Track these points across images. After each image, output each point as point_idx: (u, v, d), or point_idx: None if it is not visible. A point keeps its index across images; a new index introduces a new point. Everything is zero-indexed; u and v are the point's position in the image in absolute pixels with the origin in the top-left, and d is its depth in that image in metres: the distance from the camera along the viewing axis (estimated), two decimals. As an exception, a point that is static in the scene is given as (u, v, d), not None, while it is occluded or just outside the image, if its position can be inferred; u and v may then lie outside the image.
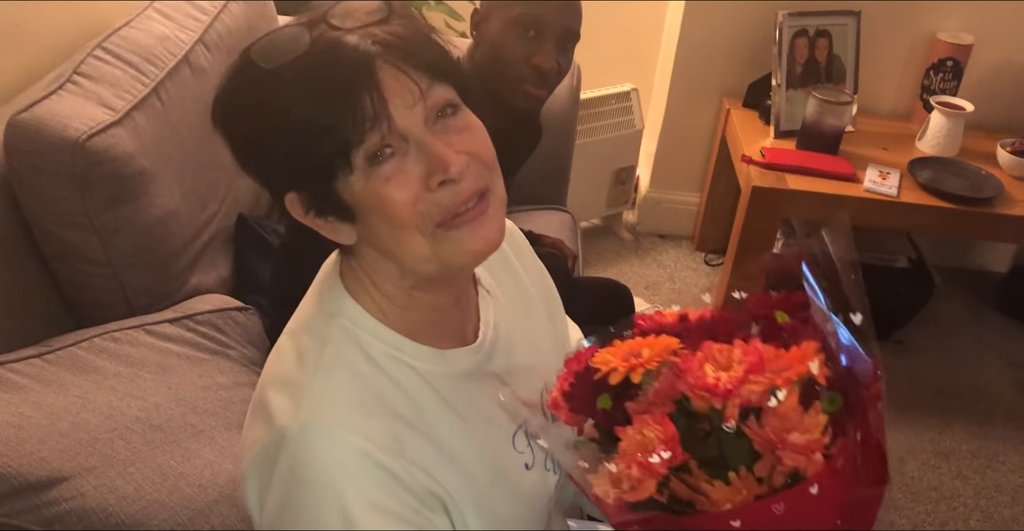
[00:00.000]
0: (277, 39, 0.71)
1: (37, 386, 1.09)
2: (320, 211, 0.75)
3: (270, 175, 0.76)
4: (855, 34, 2.45)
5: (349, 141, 0.69)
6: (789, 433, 0.67)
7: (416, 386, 0.79)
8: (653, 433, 0.70)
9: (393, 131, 0.70)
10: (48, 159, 1.28)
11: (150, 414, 1.11)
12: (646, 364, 0.73)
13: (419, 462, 0.76)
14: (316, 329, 0.79)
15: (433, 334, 0.82)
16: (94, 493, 0.98)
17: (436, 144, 0.72)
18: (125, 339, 1.26)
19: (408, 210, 0.72)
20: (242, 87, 0.73)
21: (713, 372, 0.70)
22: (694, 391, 0.70)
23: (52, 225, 1.32)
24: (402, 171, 0.71)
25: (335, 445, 0.72)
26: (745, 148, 2.35)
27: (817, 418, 0.68)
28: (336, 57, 0.69)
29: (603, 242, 2.85)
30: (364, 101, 0.68)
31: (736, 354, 0.71)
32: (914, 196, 2.19)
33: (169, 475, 1.04)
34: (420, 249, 0.74)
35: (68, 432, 1.01)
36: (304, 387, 0.75)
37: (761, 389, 0.68)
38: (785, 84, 2.41)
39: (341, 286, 0.81)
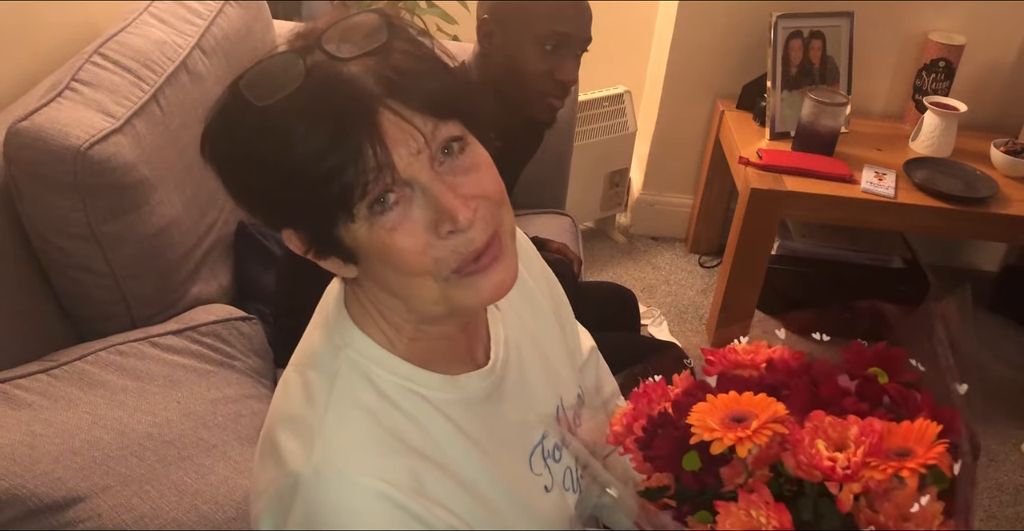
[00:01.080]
0: (269, 70, 0.66)
1: (46, 402, 1.06)
2: (320, 252, 0.71)
3: (264, 213, 0.72)
4: (848, 35, 2.46)
5: (350, 191, 0.65)
6: (907, 521, 0.64)
7: (429, 418, 0.76)
8: (767, 520, 0.65)
9: (397, 180, 0.66)
10: (49, 168, 1.25)
11: (162, 430, 1.09)
12: (755, 438, 0.68)
13: (439, 498, 0.73)
14: (324, 363, 0.76)
15: (444, 361, 0.79)
16: (111, 513, 0.95)
17: (444, 193, 0.67)
18: (131, 352, 1.23)
19: (418, 258, 0.68)
20: (232, 123, 0.68)
21: (826, 450, 0.66)
22: (808, 472, 0.66)
23: (53, 235, 1.29)
24: (408, 219, 0.67)
25: (352, 490, 0.69)
26: (741, 150, 2.34)
27: (933, 507, 0.65)
28: (334, 96, 0.64)
29: (597, 245, 2.84)
30: (367, 151, 0.64)
31: (852, 432, 0.67)
32: (911, 197, 2.20)
33: (185, 493, 1.02)
34: (429, 294, 0.71)
35: (81, 450, 0.99)
36: (315, 428, 0.71)
37: (883, 477, 0.64)
38: (780, 86, 2.40)
39: (347, 316, 0.77)
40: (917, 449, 0.66)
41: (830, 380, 0.74)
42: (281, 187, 0.66)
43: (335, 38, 0.67)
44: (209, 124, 0.69)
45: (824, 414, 0.69)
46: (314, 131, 0.64)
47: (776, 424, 0.68)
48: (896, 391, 0.73)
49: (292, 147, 0.64)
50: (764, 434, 0.67)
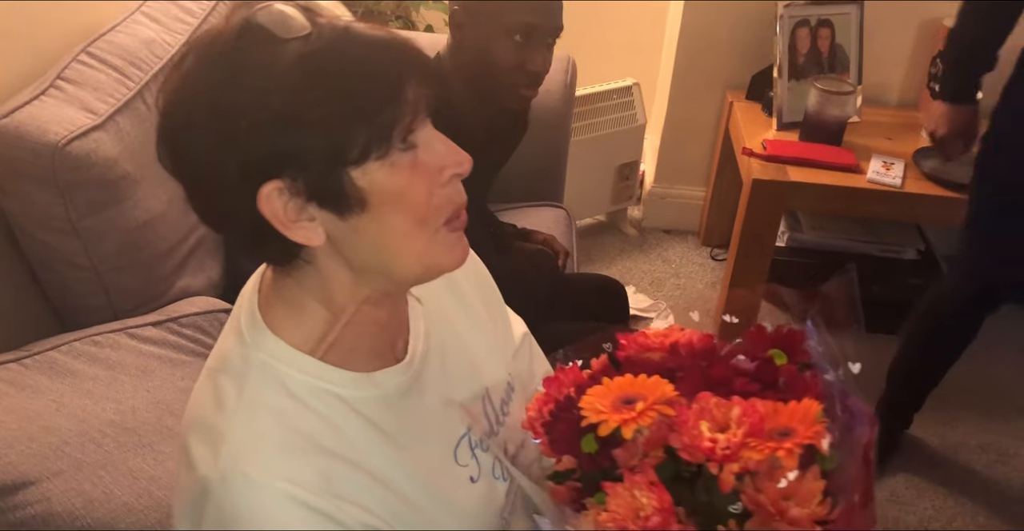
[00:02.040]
0: (283, 10, 0.67)
1: (12, 390, 1.09)
2: (319, 201, 0.68)
3: (259, 162, 0.66)
4: (858, 23, 2.42)
5: (391, 125, 0.68)
6: (787, 500, 0.64)
7: (343, 417, 0.76)
8: (647, 500, 0.67)
9: (419, 121, 0.70)
10: (29, 164, 1.28)
11: (125, 417, 1.12)
12: (639, 419, 0.69)
13: (352, 497, 0.73)
14: (233, 367, 0.75)
15: (367, 352, 0.79)
16: (61, 497, 0.98)
17: (447, 141, 0.73)
18: (106, 343, 1.27)
19: (426, 201, 0.71)
20: (249, 58, 0.66)
21: (709, 432, 0.67)
22: (691, 452, 0.67)
23: (35, 230, 1.33)
24: (419, 162, 0.71)
25: (259, 493, 0.69)
26: (747, 140, 2.32)
27: (815, 485, 0.65)
28: (366, 42, 0.68)
29: (607, 238, 2.83)
30: (413, 85, 0.69)
31: (735, 413, 0.68)
32: (918, 186, 2.16)
33: (140, 478, 1.04)
34: (418, 249, 0.72)
35: (37, 436, 1.02)
36: (222, 433, 0.71)
37: (761, 457, 0.66)
38: (787, 75, 2.37)
39: (259, 319, 0.76)
40: (798, 429, 0.66)
41: (723, 362, 0.74)
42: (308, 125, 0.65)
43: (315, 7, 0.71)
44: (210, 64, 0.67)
45: (711, 396, 0.69)
46: (361, 67, 0.67)
47: (663, 406, 0.69)
48: (788, 373, 0.73)
49: (336, 81, 0.65)
50: (649, 416, 0.68)
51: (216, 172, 0.68)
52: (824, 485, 0.65)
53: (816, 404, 0.68)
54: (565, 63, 2.03)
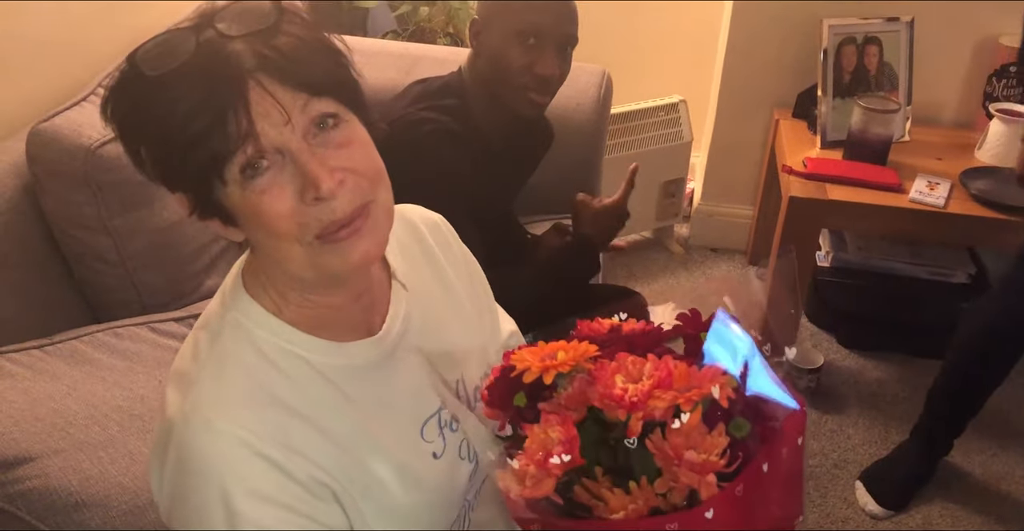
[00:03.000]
0: (164, 43, 0.72)
1: (30, 374, 1.16)
2: (202, 214, 0.76)
3: (155, 175, 0.76)
4: (908, 41, 2.37)
5: (218, 156, 0.70)
6: (688, 450, 0.67)
7: (308, 378, 0.81)
8: (555, 434, 0.71)
9: (265, 147, 0.71)
10: (64, 165, 1.37)
11: (133, 404, 1.18)
12: (559, 367, 0.74)
13: (306, 452, 0.77)
14: (212, 324, 0.82)
15: (334, 328, 0.84)
16: (58, 473, 1.04)
17: (310, 161, 0.72)
18: (127, 335, 1.34)
19: (285, 222, 0.73)
20: (125, 90, 0.73)
21: (622, 383, 0.71)
22: (602, 400, 0.71)
23: (69, 227, 1.42)
24: (277, 184, 0.72)
25: (214, 436, 0.74)
26: (788, 158, 2.30)
27: (718, 440, 0.68)
28: (212, 68, 0.70)
29: (652, 255, 2.83)
30: (230, 119, 0.69)
31: (647, 368, 0.72)
32: (963, 207, 2.10)
33: (137, 459, 1.10)
34: (298, 257, 0.76)
35: (44, 416, 1.08)
36: (192, 380, 0.78)
37: (664, 405, 0.69)
38: (831, 93, 2.35)
39: (240, 282, 0.83)
40: (704, 386, 0.69)
41: (647, 335, 0.77)
42: (163, 151, 0.72)
43: (227, 18, 0.73)
44: (107, 92, 0.75)
45: (628, 354, 0.73)
46: (188, 98, 0.70)
47: (583, 360, 0.73)
48: None
49: (170, 113, 0.70)
50: (568, 365, 0.73)
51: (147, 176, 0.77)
52: (727, 442, 0.67)
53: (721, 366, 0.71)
54: (599, 77, 2.05)
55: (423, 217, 1.01)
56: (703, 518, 0.66)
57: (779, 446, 0.70)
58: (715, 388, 0.68)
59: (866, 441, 2.14)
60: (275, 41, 0.72)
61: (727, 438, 0.68)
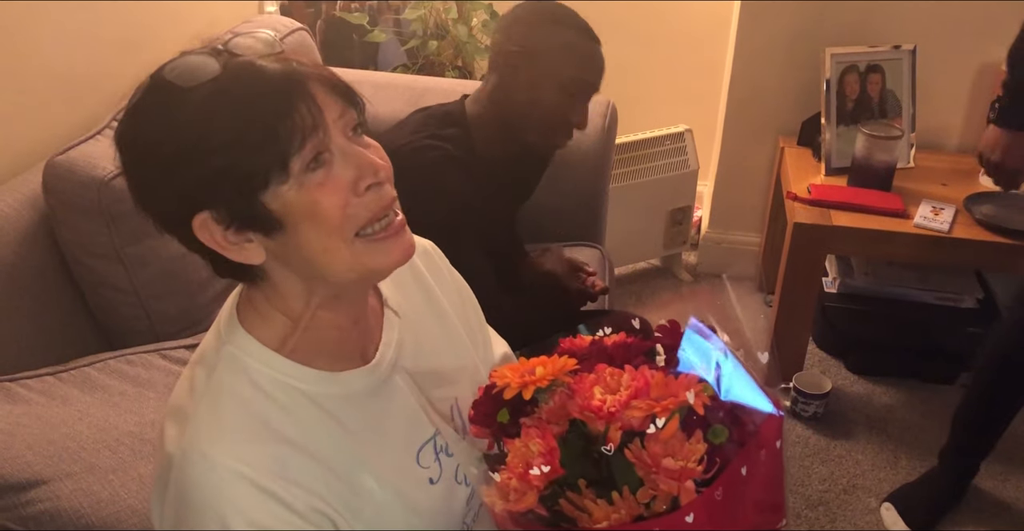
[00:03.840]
0: (188, 61, 0.74)
1: (43, 400, 1.19)
2: (241, 226, 0.75)
3: (184, 197, 0.75)
4: (910, 68, 2.40)
5: (288, 150, 0.72)
6: (665, 458, 0.69)
7: (303, 408, 0.82)
8: (536, 446, 0.73)
9: (326, 139, 0.74)
10: (78, 196, 1.42)
11: (144, 429, 1.20)
12: (537, 382, 0.76)
13: (304, 483, 0.78)
14: (207, 358, 0.83)
15: (331, 356, 0.85)
16: (70, 496, 1.07)
17: (362, 152, 0.77)
18: (139, 362, 1.37)
19: (339, 213, 0.75)
20: (155, 108, 0.74)
21: (600, 395, 0.73)
22: (581, 412, 0.73)
23: (84, 256, 1.46)
24: (332, 176, 0.75)
25: (213, 470, 0.76)
26: (793, 185, 2.32)
27: (696, 447, 0.70)
28: (261, 76, 0.73)
29: (661, 283, 2.84)
30: (302, 110, 0.72)
31: (624, 379, 0.74)
32: (968, 232, 2.11)
33: (148, 484, 1.12)
34: (343, 256, 0.77)
35: (57, 441, 1.11)
36: (189, 415, 0.79)
37: (642, 414, 0.71)
38: (835, 120, 2.37)
39: (235, 317, 0.84)
40: (680, 395, 0.71)
41: (626, 348, 0.79)
42: (211, 160, 0.72)
43: (240, 47, 0.77)
44: (130, 112, 0.76)
45: (606, 367, 0.75)
46: (246, 101, 0.73)
47: (562, 374, 0.75)
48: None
49: (222, 117, 0.72)
50: (546, 379, 0.75)
51: (157, 208, 0.78)
52: (704, 448, 0.69)
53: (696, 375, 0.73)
54: (604, 107, 2.09)
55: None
56: (683, 522, 0.68)
57: (756, 449, 0.72)
58: (690, 394, 0.70)
59: (875, 466, 2.14)
60: (297, 59, 0.77)
61: (705, 445, 0.69)
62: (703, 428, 0.71)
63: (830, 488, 2.07)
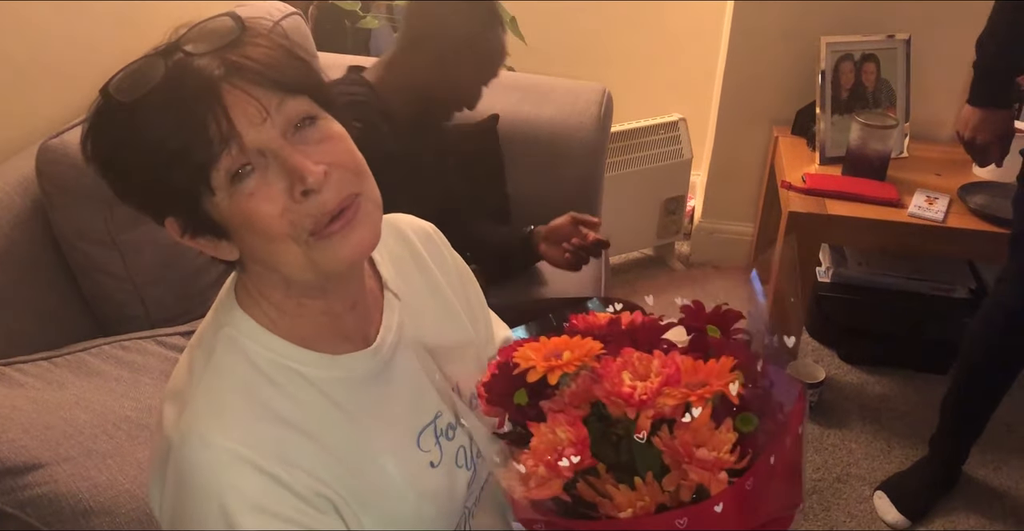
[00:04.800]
0: (134, 72, 0.73)
1: (39, 384, 1.18)
2: (195, 232, 0.77)
3: (144, 204, 0.78)
4: (905, 58, 2.41)
5: (203, 163, 0.71)
6: (698, 448, 0.68)
7: (303, 391, 0.81)
8: (565, 434, 0.71)
9: (246, 148, 0.71)
10: (74, 180, 1.39)
11: (140, 414, 1.19)
12: (565, 367, 0.74)
13: (304, 465, 0.78)
14: (205, 340, 0.82)
15: (329, 340, 0.84)
16: (67, 480, 1.05)
17: (293, 155, 0.73)
18: (134, 348, 1.35)
19: (276, 222, 0.73)
20: (103, 122, 0.74)
21: (630, 380, 0.71)
22: (609, 398, 0.71)
23: (78, 242, 1.43)
24: (265, 184, 0.73)
25: (211, 451, 0.75)
26: (788, 175, 2.32)
27: (727, 436, 0.69)
28: (183, 83, 0.71)
29: (655, 272, 2.84)
30: (210, 123, 0.70)
31: (655, 365, 0.72)
32: (962, 221, 2.12)
33: (145, 468, 1.11)
34: (295, 258, 0.76)
35: (54, 425, 1.10)
36: (187, 397, 0.78)
37: (675, 402, 0.69)
38: (830, 110, 2.37)
39: (233, 299, 0.84)
40: (713, 382, 0.69)
41: (649, 329, 0.77)
42: (150, 175, 0.73)
43: (192, 38, 0.75)
44: (85, 127, 0.76)
45: (634, 351, 0.73)
46: (165, 115, 0.71)
47: (589, 358, 0.73)
48: (718, 342, 0.75)
49: (151, 132, 0.71)
50: (574, 365, 0.73)
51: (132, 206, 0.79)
52: (736, 437, 0.68)
53: (731, 360, 0.71)
54: (600, 95, 2.08)
55: (413, 226, 1.02)
56: (713, 512, 0.67)
57: (783, 437, 0.71)
58: (732, 385, 0.69)
59: (868, 455, 2.15)
60: (241, 50, 0.74)
61: (735, 434, 0.68)
62: (732, 416, 0.69)
63: (824, 477, 2.08)
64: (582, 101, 2.04)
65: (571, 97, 2.06)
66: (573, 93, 2.07)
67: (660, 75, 2.98)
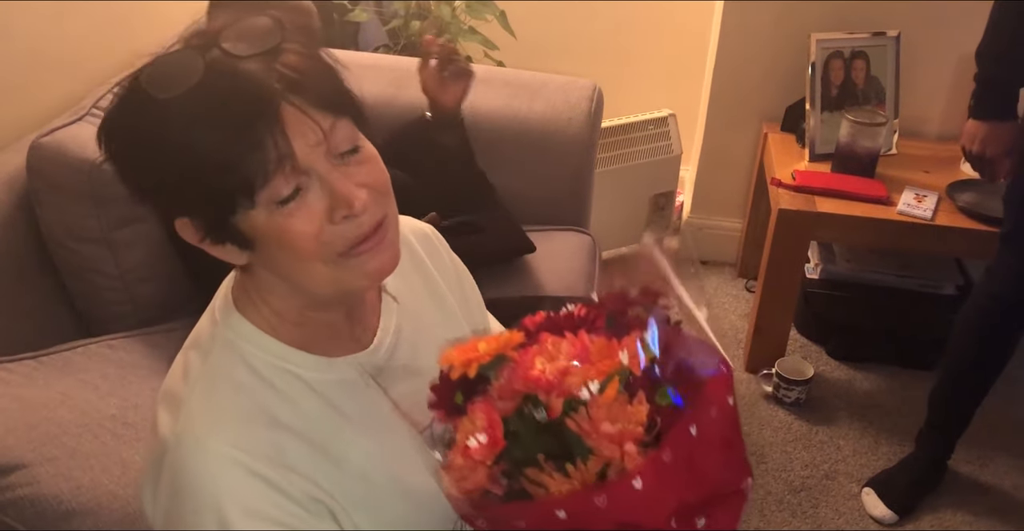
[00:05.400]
0: (170, 65, 0.70)
1: (24, 382, 1.17)
2: (216, 239, 0.75)
3: (161, 202, 0.76)
4: (894, 55, 2.41)
5: (252, 181, 0.69)
6: (610, 424, 0.66)
7: (301, 394, 0.81)
8: (480, 421, 0.70)
9: (296, 170, 0.70)
10: (67, 178, 1.38)
11: (126, 413, 1.18)
12: (480, 358, 0.74)
13: (301, 469, 0.78)
14: (202, 342, 0.82)
15: (326, 343, 0.84)
16: (50, 481, 1.05)
17: (339, 180, 0.72)
18: (121, 346, 1.35)
19: (312, 242, 0.73)
20: (133, 115, 0.71)
21: (541, 365, 0.70)
22: (524, 383, 0.70)
23: (67, 240, 1.42)
24: (306, 205, 0.72)
25: (207, 456, 0.74)
26: (777, 171, 2.32)
27: (637, 408, 0.67)
28: (236, 90, 0.69)
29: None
30: (268, 142, 0.68)
31: (564, 346, 0.72)
32: (950, 219, 2.13)
33: (130, 468, 1.10)
34: (320, 276, 0.76)
35: (38, 424, 1.09)
36: (183, 400, 0.77)
37: (579, 381, 0.68)
38: (819, 106, 2.37)
39: (231, 301, 0.82)
40: (617, 358, 0.69)
41: (572, 319, 0.77)
42: (181, 176, 0.70)
43: (232, 37, 0.72)
44: (108, 117, 0.74)
45: (549, 335, 0.73)
46: (217, 120, 0.69)
47: (506, 348, 0.73)
48: (636, 321, 0.74)
49: (194, 134, 0.68)
50: (487, 356, 0.72)
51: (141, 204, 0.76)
52: (647, 409, 0.66)
53: (637, 333, 0.70)
54: (591, 91, 2.07)
55: (412, 228, 1.02)
56: (631, 488, 0.65)
57: (706, 407, 0.69)
58: (623, 354, 0.68)
59: (856, 452, 2.16)
60: (288, 61, 0.72)
61: (648, 406, 0.67)
62: (648, 391, 0.68)
63: (812, 474, 2.09)
64: (573, 97, 2.03)
65: (562, 93, 2.05)
66: (564, 89, 2.06)
67: (650, 71, 2.98)
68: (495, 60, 2.67)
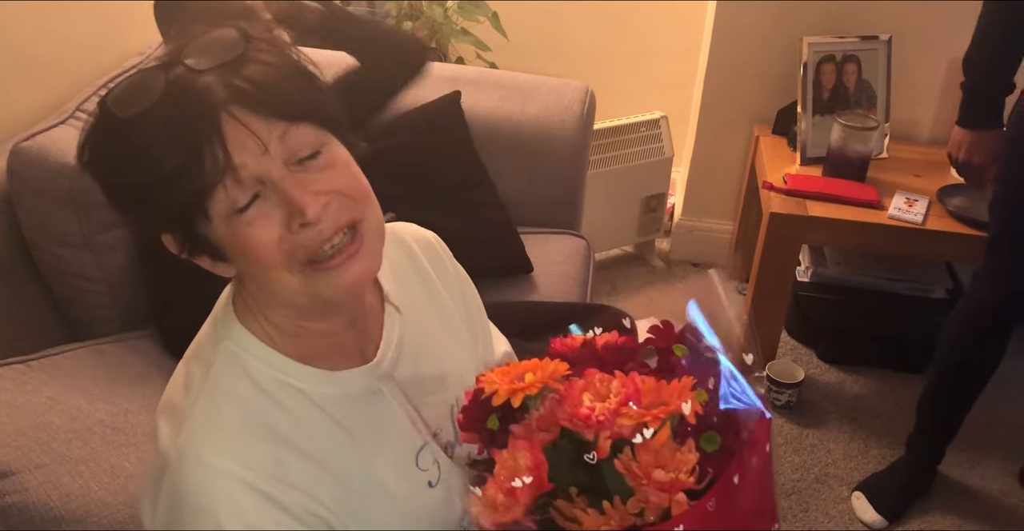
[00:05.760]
0: (133, 85, 0.71)
1: (12, 387, 1.16)
2: (192, 251, 0.76)
3: (140, 219, 0.78)
4: (886, 59, 2.41)
5: (198, 192, 0.70)
6: (656, 469, 0.67)
7: (303, 408, 0.80)
8: (524, 460, 0.70)
9: (244, 180, 0.70)
10: (49, 183, 1.37)
11: (116, 418, 1.17)
12: (527, 389, 0.73)
13: (301, 485, 0.77)
14: (204, 354, 0.81)
15: (328, 357, 0.83)
16: (38, 489, 1.04)
17: (293, 188, 0.72)
18: (110, 351, 1.34)
19: (272, 251, 0.73)
20: (100, 136, 0.73)
21: (589, 402, 0.70)
22: (570, 420, 0.70)
23: (50, 244, 1.41)
24: (263, 214, 0.72)
25: (208, 471, 0.74)
26: (769, 175, 2.32)
27: (687, 456, 0.68)
28: (184, 105, 0.69)
29: (634, 270, 2.84)
30: (206, 153, 0.69)
31: (614, 385, 0.71)
32: (940, 224, 2.13)
33: (119, 476, 1.09)
34: (291, 285, 0.75)
35: (27, 430, 1.08)
36: (185, 413, 0.77)
37: (631, 423, 0.68)
38: (811, 110, 2.38)
39: (232, 312, 0.82)
40: (672, 402, 0.68)
41: (615, 350, 0.76)
42: (143, 193, 0.72)
43: (195, 52, 0.72)
44: (82, 137, 0.74)
45: (596, 372, 0.72)
46: (163, 137, 0.69)
47: (551, 380, 0.72)
48: (680, 362, 0.75)
49: (146, 153, 0.69)
50: (536, 387, 0.72)
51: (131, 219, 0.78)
52: (697, 458, 0.67)
53: (690, 379, 0.70)
54: (583, 94, 2.06)
55: (415, 235, 1.01)
56: None
57: (749, 456, 0.70)
58: (686, 405, 0.68)
59: (847, 455, 2.16)
60: (245, 71, 0.71)
61: (697, 454, 0.67)
62: (695, 436, 0.69)
63: (803, 477, 2.09)
64: (565, 100, 2.03)
65: (554, 96, 2.05)
66: (556, 92, 2.06)
67: (642, 73, 2.97)
68: (487, 61, 2.66)
